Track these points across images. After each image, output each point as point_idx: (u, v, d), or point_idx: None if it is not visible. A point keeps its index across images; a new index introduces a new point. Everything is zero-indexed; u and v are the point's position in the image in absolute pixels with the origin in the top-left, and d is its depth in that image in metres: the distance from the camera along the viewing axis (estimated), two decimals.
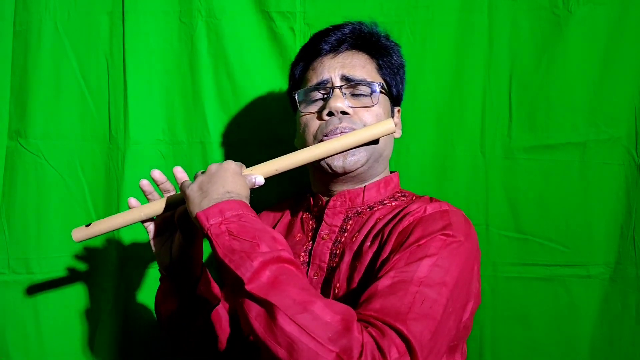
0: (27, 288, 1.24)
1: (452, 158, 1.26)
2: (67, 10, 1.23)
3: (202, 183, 0.82)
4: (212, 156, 1.27)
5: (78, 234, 0.94)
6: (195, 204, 0.79)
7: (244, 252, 0.71)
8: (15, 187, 1.24)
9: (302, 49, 1.03)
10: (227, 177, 0.82)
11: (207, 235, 0.74)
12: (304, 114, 0.97)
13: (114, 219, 0.93)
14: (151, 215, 0.93)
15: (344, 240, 0.92)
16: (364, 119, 0.94)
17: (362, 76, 0.95)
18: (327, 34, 0.98)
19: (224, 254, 0.72)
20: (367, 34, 1.00)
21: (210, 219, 0.75)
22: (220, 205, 0.76)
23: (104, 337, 1.27)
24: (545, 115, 1.23)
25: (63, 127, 1.24)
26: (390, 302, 0.70)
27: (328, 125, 0.93)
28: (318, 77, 0.96)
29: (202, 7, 1.24)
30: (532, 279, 1.25)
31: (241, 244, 0.72)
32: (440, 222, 0.82)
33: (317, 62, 0.97)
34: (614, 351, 1.23)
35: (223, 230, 0.73)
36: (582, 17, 1.20)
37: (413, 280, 0.73)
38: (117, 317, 1.26)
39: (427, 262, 0.75)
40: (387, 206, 0.95)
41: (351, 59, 0.97)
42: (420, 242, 0.79)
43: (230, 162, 0.86)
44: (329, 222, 0.95)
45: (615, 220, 1.23)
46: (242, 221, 0.75)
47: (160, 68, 1.26)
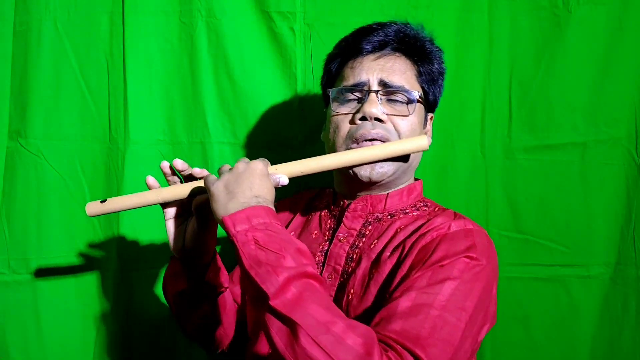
0: (27, 288, 1.24)
1: (452, 158, 1.26)
2: (67, 10, 1.23)
3: (228, 182, 0.79)
4: (212, 156, 1.27)
5: (92, 209, 0.92)
6: (220, 204, 0.77)
7: (269, 265, 0.70)
8: (15, 187, 1.24)
9: (341, 43, 0.99)
10: (254, 179, 0.79)
11: (233, 241, 0.73)
12: (336, 114, 0.94)
13: (129, 198, 0.92)
14: (169, 199, 0.91)
15: (361, 245, 0.91)
16: (399, 128, 0.91)
17: (400, 83, 0.92)
18: (370, 33, 0.94)
19: (249, 265, 0.71)
20: (412, 38, 0.96)
21: (237, 225, 0.73)
22: (248, 211, 0.74)
23: (104, 337, 1.27)
24: (545, 115, 1.23)
25: (63, 127, 1.24)
26: (411, 325, 0.71)
27: (359, 129, 0.90)
28: (355, 77, 0.93)
29: (202, 7, 1.24)
30: (532, 279, 1.25)
31: (267, 255, 0.71)
32: (464, 242, 0.82)
33: (356, 61, 0.94)
34: (614, 351, 1.23)
35: (249, 239, 0.72)
36: (582, 17, 1.20)
37: (434, 304, 0.74)
38: (117, 317, 1.26)
39: (450, 285, 0.76)
40: (409, 216, 0.93)
41: (392, 63, 0.93)
42: (443, 262, 0.78)
43: (257, 162, 0.82)
44: (347, 224, 0.94)
45: (615, 220, 1.23)
46: (268, 230, 0.73)
47: (160, 68, 1.26)
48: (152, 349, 1.27)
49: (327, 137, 0.97)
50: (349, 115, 0.93)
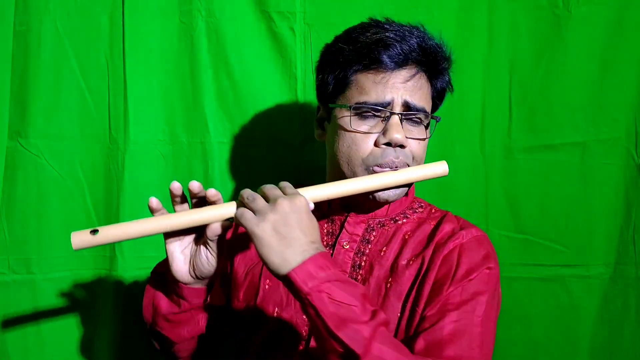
0: (27, 288, 1.24)
1: (452, 158, 1.25)
2: (67, 11, 1.23)
3: (276, 225, 0.73)
4: (212, 156, 1.27)
5: (79, 241, 0.76)
6: (274, 252, 0.72)
7: (351, 322, 0.69)
8: (15, 187, 1.23)
9: (357, 48, 0.88)
10: (303, 220, 0.74)
11: (305, 298, 0.70)
12: (352, 131, 0.88)
13: (129, 227, 0.78)
14: (180, 228, 0.80)
15: (368, 252, 0.91)
16: (414, 152, 0.89)
17: (422, 104, 0.89)
18: (392, 44, 0.86)
19: (335, 325, 0.69)
20: (433, 51, 0.90)
21: (308, 281, 0.70)
22: (311, 263, 0.71)
23: (104, 337, 1.27)
24: (545, 115, 1.23)
25: (63, 127, 1.24)
26: (462, 349, 0.77)
27: (384, 156, 0.86)
28: (379, 95, 0.86)
29: (202, 7, 1.24)
30: (532, 279, 1.25)
31: (344, 311, 0.70)
32: (480, 251, 0.87)
33: (380, 75, 0.87)
34: (613, 351, 1.24)
35: (323, 297, 0.70)
36: (582, 17, 1.20)
37: (474, 321, 0.80)
38: (117, 317, 1.26)
39: (482, 299, 0.82)
40: (410, 219, 0.94)
41: (416, 82, 0.88)
42: (470, 276, 0.83)
43: (300, 197, 0.76)
44: (350, 230, 0.94)
45: (615, 220, 1.23)
46: (337, 281, 0.71)
47: (160, 68, 1.26)
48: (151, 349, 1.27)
49: (336, 147, 0.91)
50: (370, 136, 0.87)
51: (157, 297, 0.91)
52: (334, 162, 0.92)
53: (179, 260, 0.84)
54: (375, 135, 0.87)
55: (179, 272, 0.84)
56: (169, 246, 0.83)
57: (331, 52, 0.94)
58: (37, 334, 1.25)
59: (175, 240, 0.83)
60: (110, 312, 1.26)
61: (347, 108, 0.88)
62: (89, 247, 0.77)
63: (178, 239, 0.83)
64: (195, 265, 0.83)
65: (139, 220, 0.79)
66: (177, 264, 0.83)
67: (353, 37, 0.90)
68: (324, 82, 0.94)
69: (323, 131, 0.97)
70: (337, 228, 0.95)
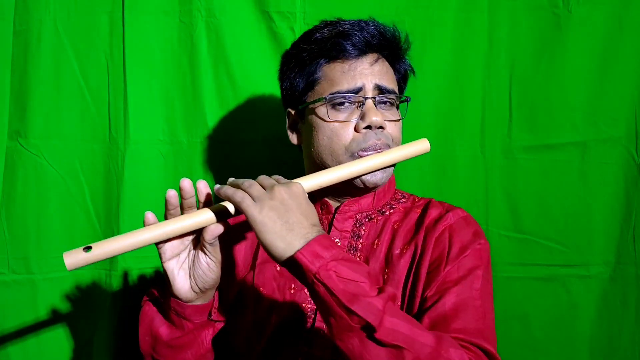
0: (26, 288, 1.24)
1: (452, 158, 1.26)
2: (67, 10, 1.23)
3: (276, 209, 0.73)
4: (212, 156, 1.27)
5: (72, 260, 0.72)
6: (278, 236, 0.72)
7: (362, 295, 0.69)
8: (15, 187, 1.23)
9: (317, 42, 0.92)
10: (302, 204, 0.75)
11: (316, 278, 0.69)
12: (331, 121, 0.90)
13: (124, 239, 0.75)
14: (175, 235, 0.78)
15: (361, 247, 0.92)
16: (392, 133, 0.92)
17: (392, 86, 0.92)
18: (351, 33, 0.91)
19: (348, 300, 0.68)
20: (391, 35, 0.95)
21: (315, 261, 0.70)
22: (316, 243, 0.71)
23: (104, 337, 1.27)
24: (545, 115, 1.23)
25: (63, 127, 1.24)
26: (467, 321, 0.79)
27: (367, 140, 0.88)
28: (350, 83, 0.89)
29: (202, 7, 1.24)
30: (532, 279, 1.25)
31: (351, 287, 0.69)
32: (469, 229, 0.90)
33: (347, 64, 0.90)
34: (613, 350, 1.24)
35: (331, 274, 0.69)
36: (582, 17, 1.20)
37: (474, 294, 0.82)
38: (116, 317, 1.26)
39: (478, 273, 0.84)
40: (397, 209, 0.96)
41: (381, 66, 0.92)
42: (465, 253, 0.86)
43: (296, 184, 0.77)
44: (339, 227, 0.94)
45: (614, 220, 1.23)
46: (343, 260, 0.71)
47: (160, 68, 1.26)
48: None
49: (315, 142, 0.92)
50: (349, 123, 0.89)
51: (155, 325, 0.90)
52: (316, 158, 0.93)
53: (180, 277, 0.82)
54: (354, 122, 0.90)
55: (182, 289, 0.83)
56: (167, 265, 0.82)
57: (293, 55, 0.97)
58: (37, 334, 1.24)
59: (173, 258, 0.82)
60: (110, 312, 1.26)
61: (321, 101, 0.90)
62: (84, 265, 0.73)
63: (175, 256, 0.82)
64: (197, 277, 0.82)
65: (133, 232, 0.77)
66: (179, 281, 0.82)
67: (313, 36, 0.94)
68: (291, 85, 0.96)
69: (297, 134, 0.98)
70: (326, 227, 0.96)
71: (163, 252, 0.81)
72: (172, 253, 0.81)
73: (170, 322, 0.88)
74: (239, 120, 1.27)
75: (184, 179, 0.79)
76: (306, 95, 0.94)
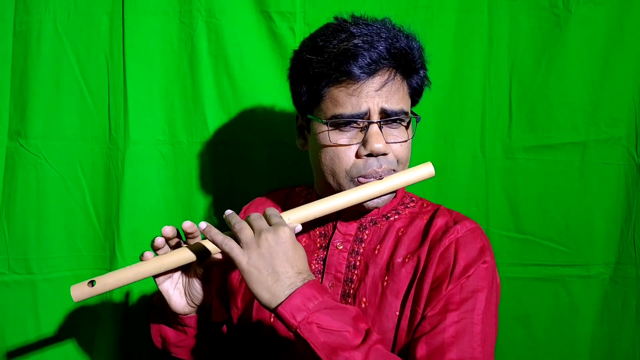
0: (27, 288, 1.24)
1: (452, 158, 1.26)
2: (67, 11, 1.23)
3: (263, 258, 0.75)
4: (212, 156, 1.27)
5: (78, 293, 0.81)
6: (263, 287, 0.74)
7: (342, 350, 0.70)
8: (15, 187, 1.23)
9: (325, 61, 0.85)
10: (288, 251, 0.75)
11: (295, 332, 0.72)
12: (333, 145, 0.87)
13: (124, 273, 0.82)
14: (172, 267, 0.84)
15: (362, 251, 0.91)
16: (398, 155, 0.88)
17: (399, 107, 0.86)
18: (359, 54, 0.83)
19: (327, 356, 0.70)
20: (403, 50, 0.86)
21: (297, 315, 0.71)
22: (299, 295, 0.73)
23: (104, 337, 1.27)
24: (545, 115, 1.23)
25: (63, 127, 1.24)
26: (464, 350, 0.78)
27: (367, 167, 0.86)
28: (354, 106, 0.84)
29: (202, 7, 1.23)
30: (532, 279, 1.25)
31: (334, 338, 0.71)
32: (475, 244, 0.87)
33: (352, 87, 0.84)
34: (614, 351, 1.24)
35: (312, 327, 0.71)
36: (582, 17, 1.20)
37: (474, 320, 0.80)
38: (117, 317, 1.26)
39: (481, 296, 0.82)
40: (402, 215, 0.94)
41: (390, 86, 0.85)
42: (468, 273, 0.84)
43: (283, 229, 0.77)
44: (342, 230, 0.94)
45: (615, 220, 1.23)
46: (326, 309, 0.73)
47: (160, 68, 1.26)
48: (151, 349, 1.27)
49: (319, 160, 0.90)
50: (351, 147, 0.86)
51: (163, 329, 0.95)
52: (319, 173, 0.92)
53: (176, 296, 0.87)
54: (356, 146, 0.86)
55: (178, 306, 0.87)
56: (162, 287, 0.86)
57: (300, 62, 0.91)
58: (37, 334, 1.24)
59: (166, 279, 0.86)
60: (110, 312, 1.26)
61: (324, 122, 0.87)
62: (89, 297, 0.81)
63: (168, 277, 0.86)
64: (192, 296, 0.86)
65: (132, 265, 0.83)
66: (175, 300, 0.87)
67: (320, 46, 0.87)
68: (297, 92, 0.93)
69: (305, 141, 0.97)
70: (330, 229, 0.95)
71: (157, 277, 0.85)
72: (165, 277, 0.86)
73: (174, 328, 0.93)
74: (239, 120, 1.27)
75: (185, 222, 0.81)
76: (312, 109, 0.91)
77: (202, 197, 1.29)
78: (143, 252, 0.84)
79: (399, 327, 0.84)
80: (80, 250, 1.26)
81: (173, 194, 1.28)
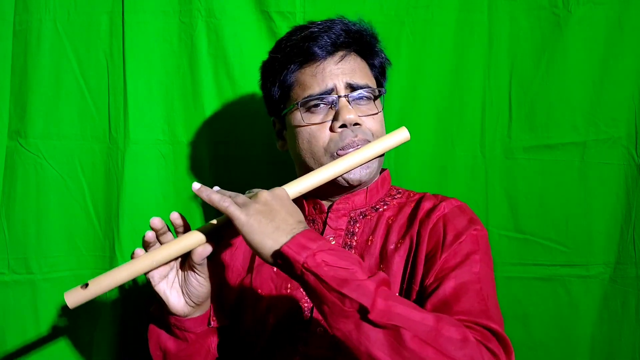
0: (27, 288, 1.24)
1: (452, 158, 1.26)
2: (67, 10, 1.23)
3: (261, 211, 0.75)
4: (212, 156, 1.27)
5: (73, 299, 0.78)
6: (264, 235, 0.73)
7: (353, 279, 0.69)
8: (15, 187, 1.23)
9: (286, 49, 0.94)
10: (286, 204, 0.77)
11: (303, 268, 0.70)
12: (307, 125, 0.92)
13: (118, 273, 0.80)
14: (164, 262, 0.82)
15: (355, 244, 0.92)
16: (372, 127, 0.92)
17: (364, 81, 0.93)
18: (318, 36, 0.92)
19: (338, 284, 0.68)
20: (358, 33, 0.96)
21: (302, 252, 0.70)
22: (301, 237, 0.72)
23: (104, 337, 1.27)
24: (545, 115, 1.23)
25: (63, 127, 1.24)
26: (470, 303, 0.77)
27: (343, 139, 0.89)
28: (320, 85, 0.91)
29: (202, 7, 1.24)
30: (532, 279, 1.25)
31: (342, 273, 0.69)
32: (464, 217, 0.90)
33: (315, 67, 0.92)
34: (613, 351, 1.24)
35: (319, 262, 0.70)
36: (582, 17, 1.20)
37: (473, 279, 0.81)
38: (116, 317, 1.26)
39: (475, 258, 0.83)
40: (390, 205, 0.96)
41: (351, 63, 0.93)
42: (460, 239, 0.85)
43: (279, 189, 0.80)
44: (333, 225, 0.94)
45: (615, 220, 1.23)
46: (329, 249, 0.72)
47: (160, 68, 1.26)
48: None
49: (297, 147, 0.94)
50: (325, 124, 0.91)
51: (163, 340, 0.93)
52: (301, 162, 0.95)
53: (173, 296, 0.86)
54: (329, 123, 0.91)
55: (177, 306, 0.86)
56: (158, 288, 0.85)
57: (267, 65, 1.00)
58: (37, 334, 1.24)
59: (161, 280, 0.85)
60: (110, 312, 1.26)
61: (295, 106, 0.92)
62: (85, 301, 0.78)
63: (163, 277, 0.85)
64: (190, 293, 0.85)
65: (125, 264, 0.81)
66: (172, 299, 0.85)
67: (282, 44, 0.96)
68: (269, 95, 0.99)
69: (284, 141, 1.01)
70: (320, 226, 0.96)
71: (151, 277, 0.84)
72: (160, 277, 0.84)
73: (174, 336, 0.91)
74: (239, 120, 1.27)
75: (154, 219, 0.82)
76: (283, 103, 0.96)
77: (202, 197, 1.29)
78: (134, 250, 0.83)
79: None
80: (80, 250, 1.26)
81: (173, 194, 1.28)
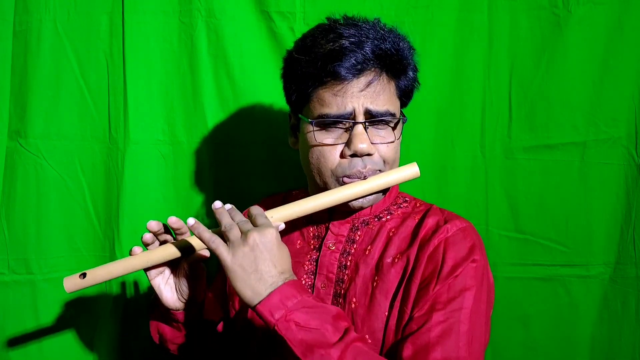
0: (27, 288, 1.24)
1: (452, 158, 1.26)
2: (67, 10, 1.23)
3: (247, 257, 0.76)
4: (212, 156, 1.27)
5: (70, 284, 0.85)
6: (246, 285, 0.76)
7: (319, 347, 0.72)
8: (15, 187, 1.24)
9: (313, 62, 0.86)
10: (273, 251, 0.77)
11: (274, 330, 0.73)
12: (319, 145, 0.88)
13: (113, 267, 0.86)
14: (158, 262, 0.87)
15: (353, 252, 0.91)
16: (385, 156, 0.88)
17: (385, 107, 0.86)
18: (346, 54, 0.84)
19: (302, 352, 0.72)
20: (390, 51, 0.87)
21: (275, 312, 0.73)
22: (279, 293, 0.74)
23: (104, 337, 1.27)
24: (545, 115, 1.23)
25: (63, 127, 1.24)
26: (450, 349, 0.77)
27: (351, 167, 0.86)
28: (339, 107, 0.85)
29: (202, 7, 1.24)
30: (532, 279, 1.25)
31: (312, 335, 0.72)
32: (465, 243, 0.86)
33: (338, 88, 0.85)
34: (613, 351, 1.24)
35: (290, 324, 0.73)
36: (582, 17, 1.20)
37: (461, 318, 0.79)
38: (116, 317, 1.26)
39: (469, 295, 0.81)
40: (395, 215, 0.94)
41: (375, 86, 0.86)
42: (456, 272, 0.83)
43: (268, 229, 0.78)
44: (335, 231, 0.94)
45: (615, 220, 1.23)
46: (304, 307, 0.74)
47: (160, 68, 1.26)
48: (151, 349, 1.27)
49: (307, 158, 0.91)
50: (336, 147, 0.87)
51: (160, 326, 0.97)
52: (308, 172, 0.93)
53: (167, 292, 0.90)
54: (341, 146, 0.87)
55: (169, 301, 0.90)
56: (154, 282, 0.89)
57: (290, 62, 0.93)
58: (37, 334, 1.24)
59: (158, 275, 0.90)
60: (110, 312, 1.26)
61: (310, 122, 0.88)
62: (81, 288, 0.85)
63: (160, 273, 0.90)
64: (182, 291, 0.89)
65: (121, 260, 0.87)
66: (166, 295, 0.90)
67: (308, 47, 0.88)
68: (288, 91, 0.94)
69: (296, 139, 0.97)
70: (323, 230, 0.96)
71: (148, 272, 0.89)
72: (156, 272, 0.89)
73: (170, 326, 0.96)
74: (239, 120, 1.27)
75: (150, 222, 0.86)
76: (301, 108, 0.92)
77: (202, 197, 1.29)
78: (132, 247, 0.87)
79: (387, 327, 0.84)
80: (80, 250, 1.27)
81: (173, 194, 1.28)
